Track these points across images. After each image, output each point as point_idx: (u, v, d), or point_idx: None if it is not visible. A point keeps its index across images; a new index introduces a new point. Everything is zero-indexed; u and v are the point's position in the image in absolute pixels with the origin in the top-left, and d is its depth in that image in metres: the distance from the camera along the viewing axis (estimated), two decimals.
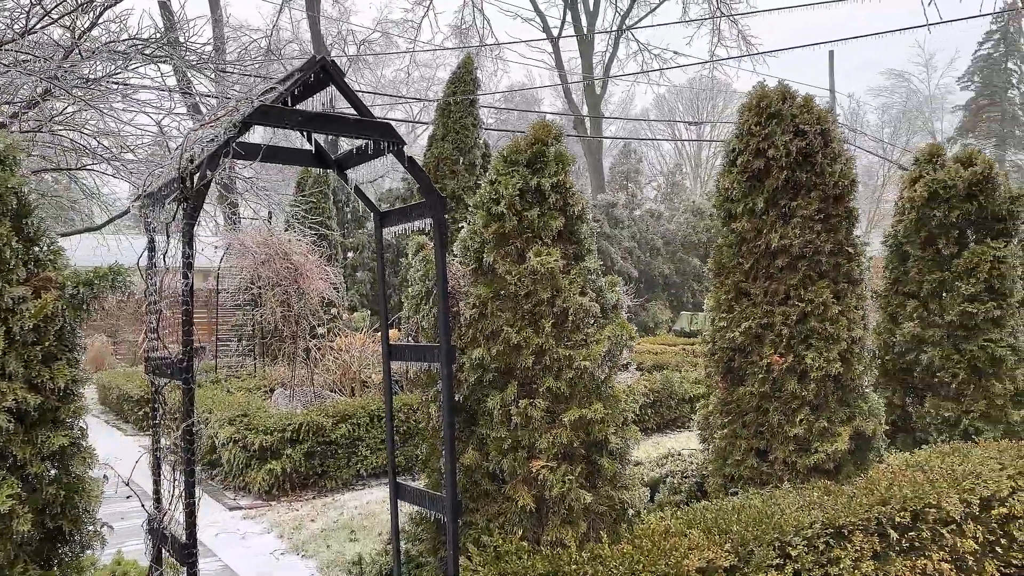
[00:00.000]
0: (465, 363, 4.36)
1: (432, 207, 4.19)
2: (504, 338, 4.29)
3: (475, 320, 4.36)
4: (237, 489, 9.14)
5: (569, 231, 4.56)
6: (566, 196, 4.55)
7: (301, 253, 12.01)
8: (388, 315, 4.90)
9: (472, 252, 4.53)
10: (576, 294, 4.40)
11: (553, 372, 4.33)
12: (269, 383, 12.15)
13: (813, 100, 5.63)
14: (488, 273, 4.47)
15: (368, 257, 20.34)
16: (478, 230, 4.49)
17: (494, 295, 4.37)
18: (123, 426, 13.46)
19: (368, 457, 9.25)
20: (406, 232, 4.56)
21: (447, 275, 4.23)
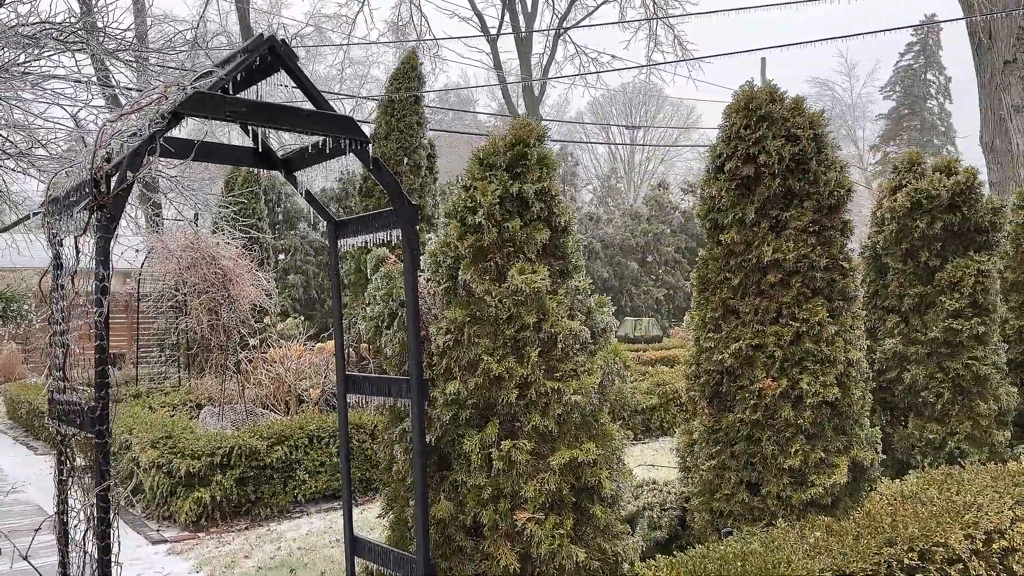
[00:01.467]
0: (438, 398, 3.72)
1: (402, 217, 3.55)
2: (483, 369, 3.68)
3: (449, 348, 3.73)
4: (161, 519, 8.26)
5: (554, 245, 3.98)
6: (551, 205, 3.96)
7: (230, 258, 11.13)
8: (343, 336, 4.23)
9: (444, 268, 3.90)
10: (564, 317, 3.81)
11: (539, 408, 3.74)
12: (196, 398, 11.22)
13: (804, 102, 5.17)
14: (463, 293, 3.85)
15: (300, 260, 19.40)
16: (451, 243, 3.86)
17: (471, 319, 3.76)
18: (34, 443, 12.31)
19: (307, 481, 8.48)
20: (367, 244, 3.91)
21: (415, 297, 3.60)
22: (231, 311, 10.54)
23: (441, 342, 3.74)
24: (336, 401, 10.99)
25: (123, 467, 8.94)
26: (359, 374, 3.99)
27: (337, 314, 4.10)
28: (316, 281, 19.54)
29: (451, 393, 3.68)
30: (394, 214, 3.59)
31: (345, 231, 4.01)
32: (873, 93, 49.35)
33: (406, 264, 3.56)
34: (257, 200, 14.63)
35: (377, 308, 4.05)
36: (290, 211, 20.07)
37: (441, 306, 3.89)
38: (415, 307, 3.55)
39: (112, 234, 2.84)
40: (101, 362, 2.93)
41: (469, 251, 3.81)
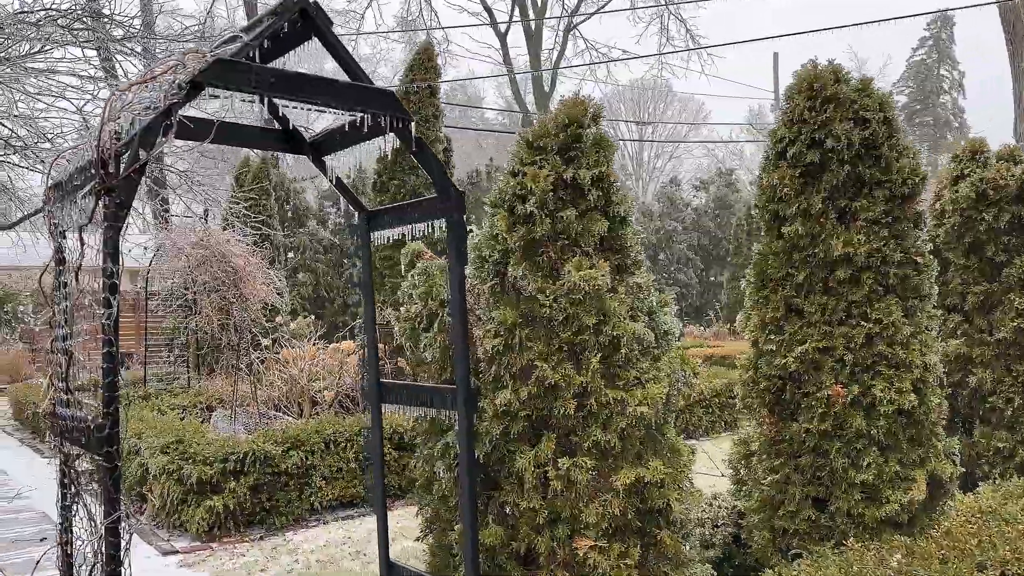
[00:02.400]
0: (486, 410, 3.30)
1: (448, 204, 3.12)
2: (537, 377, 3.25)
3: (498, 353, 3.31)
4: (172, 527, 7.84)
5: (613, 237, 3.55)
6: (609, 192, 3.53)
7: (241, 255, 10.72)
8: (376, 336, 3.79)
9: (491, 264, 3.48)
10: (626, 318, 3.39)
11: (600, 421, 3.31)
12: (206, 400, 10.82)
13: (872, 82, 4.74)
14: (513, 291, 3.43)
15: (310, 258, 19.01)
16: (499, 235, 3.43)
17: (522, 320, 3.33)
18: (40, 446, 11.93)
19: (323, 488, 8.06)
20: (404, 237, 3.49)
21: (463, 295, 3.17)
22: (242, 310, 10.14)
23: (489, 347, 3.31)
24: (351, 404, 10.60)
25: (132, 473, 8.54)
26: (395, 382, 3.56)
27: (370, 315, 3.67)
28: (325, 280, 19.14)
29: (501, 404, 3.26)
30: (438, 201, 3.16)
31: (379, 222, 3.58)
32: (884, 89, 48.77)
33: (451, 257, 3.13)
34: (267, 196, 14.21)
35: (414, 308, 3.63)
36: (299, 208, 19.67)
37: (487, 306, 3.46)
38: (462, 306, 3.12)
39: (122, 222, 2.42)
40: (111, 371, 2.51)
41: (519, 244, 3.38)
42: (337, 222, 20.16)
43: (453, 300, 3.11)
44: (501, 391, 3.28)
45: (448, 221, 3.13)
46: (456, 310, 3.09)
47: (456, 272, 3.12)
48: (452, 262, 3.13)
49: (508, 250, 3.43)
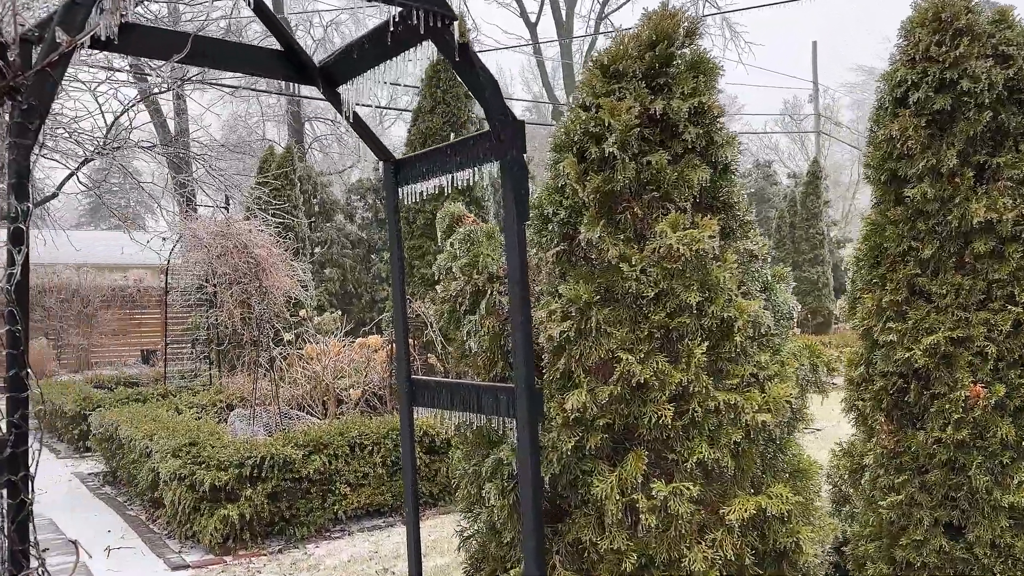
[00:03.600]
0: (553, 418, 2.43)
1: (502, 141, 2.26)
2: (621, 373, 2.37)
3: (568, 342, 2.43)
4: (184, 538, 7.06)
5: (715, 189, 2.67)
6: (711, 131, 2.65)
7: (263, 246, 9.95)
8: (406, 324, 2.92)
9: (555, 225, 2.60)
10: (738, 295, 2.51)
11: (706, 433, 2.43)
12: (227, 398, 10.05)
13: (1012, 12, 3.81)
14: (585, 260, 2.56)
15: (336, 253, 18.29)
16: (566, 186, 2.57)
17: (600, 297, 2.46)
18: (57, 446, 11.28)
19: (348, 496, 7.23)
20: (440, 191, 2.62)
21: (523, 262, 2.29)
22: (263, 303, 9.36)
23: (555, 332, 2.44)
24: (378, 403, 9.78)
25: (143, 478, 7.79)
26: (432, 379, 2.68)
27: (399, 295, 2.80)
28: (353, 275, 18.39)
29: (573, 409, 2.38)
30: (488, 137, 2.30)
31: (410, 173, 2.72)
32: None
33: (508, 211, 2.26)
34: (292, 186, 13.44)
35: (455, 285, 2.77)
36: (326, 202, 18.94)
37: (550, 280, 2.60)
38: (523, 276, 2.24)
39: (32, 139, 1.59)
40: (16, 361, 1.67)
41: (594, 197, 2.50)
42: (364, 216, 19.39)
43: (512, 269, 2.23)
44: (572, 392, 2.41)
45: (503, 163, 2.26)
46: (517, 281, 2.22)
47: (515, 232, 2.24)
48: (510, 218, 2.26)
49: (579, 206, 2.55)
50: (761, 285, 2.65)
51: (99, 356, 18.53)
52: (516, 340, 2.27)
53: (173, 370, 12.70)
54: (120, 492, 8.55)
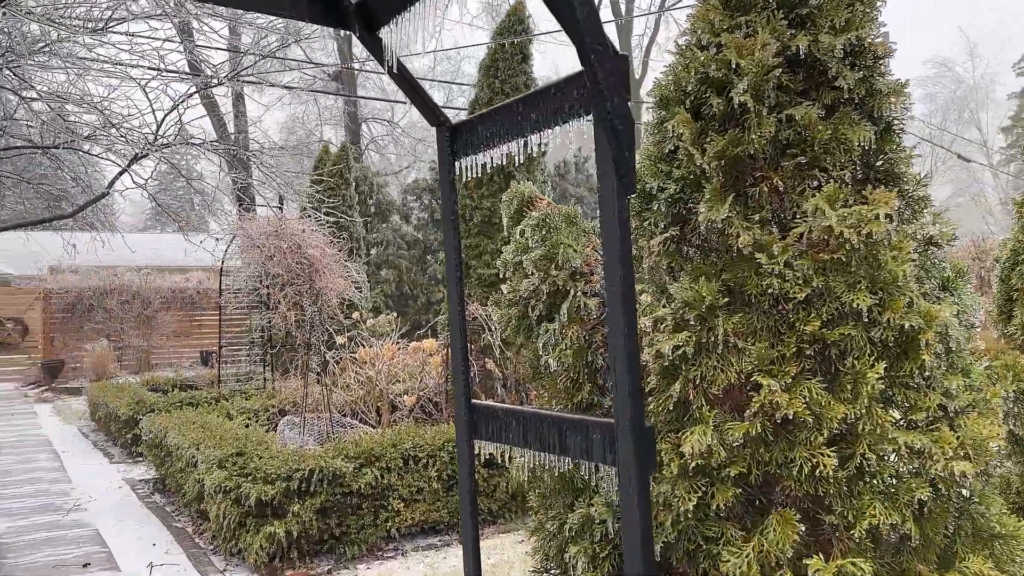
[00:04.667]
0: (668, 464, 1.76)
1: (597, 81, 1.59)
2: (761, 405, 1.69)
3: (683, 360, 1.75)
4: (229, 554, 6.56)
5: (877, 153, 1.97)
6: (871, 77, 1.96)
7: (316, 246, 9.47)
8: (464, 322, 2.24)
9: (661, 203, 1.93)
10: (919, 296, 1.80)
11: (880, 488, 1.74)
12: (279, 403, 9.61)
13: None
14: (704, 248, 1.89)
15: (392, 254, 17.85)
16: (677, 151, 1.89)
17: (728, 300, 1.78)
18: (112, 450, 10.99)
19: (401, 512, 6.63)
20: (508, 159, 1.97)
21: (627, 251, 1.60)
22: (316, 305, 8.87)
23: (666, 348, 1.75)
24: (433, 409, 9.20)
25: (190, 489, 7.34)
26: (497, 405, 2.02)
27: (456, 295, 2.13)
28: (409, 276, 17.93)
29: (694, 453, 1.70)
30: (577, 81, 1.63)
31: (469, 139, 2.06)
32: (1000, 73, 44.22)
33: (605, 181, 1.57)
34: (347, 186, 12.98)
35: (525, 285, 2.11)
36: (382, 203, 18.52)
37: (655, 277, 1.92)
38: (626, 270, 1.57)
39: None
40: None
41: (717, 165, 1.82)
42: (420, 217, 18.92)
43: (609, 260, 1.55)
44: (691, 430, 1.73)
45: (600, 114, 1.58)
46: (616, 278, 1.54)
47: (614, 209, 1.56)
48: (607, 191, 1.58)
49: (695, 177, 1.87)
50: (939, 283, 1.93)
51: (159, 357, 18.44)
52: (616, 359, 1.59)
53: (228, 373, 12.36)
54: (169, 501, 8.13)
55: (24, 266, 18.05)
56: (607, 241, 1.64)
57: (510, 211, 2.31)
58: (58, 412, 14.15)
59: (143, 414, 9.60)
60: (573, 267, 2.02)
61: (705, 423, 1.70)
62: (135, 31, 8.82)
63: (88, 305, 17.83)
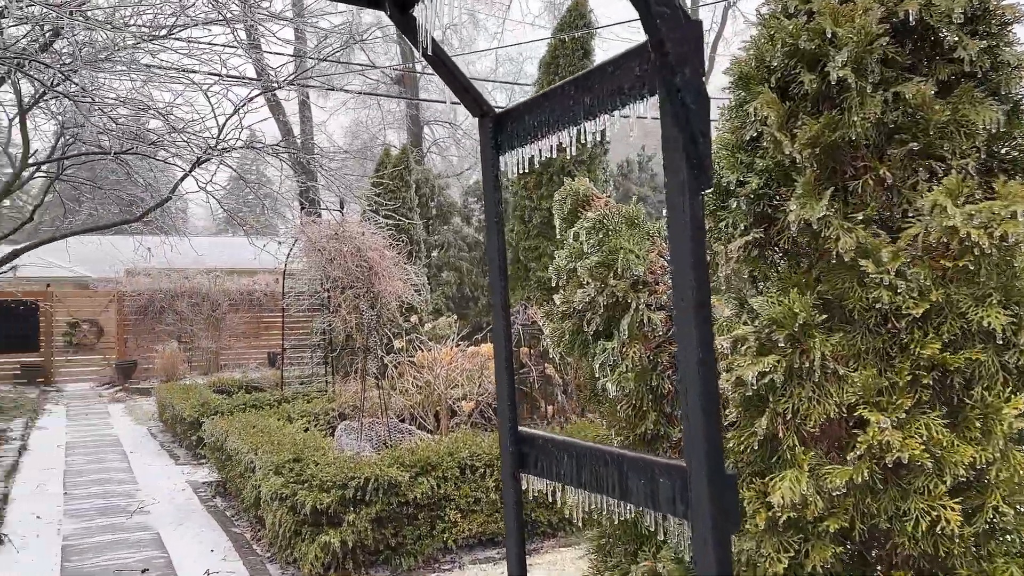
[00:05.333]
0: (752, 516, 1.46)
1: (665, 53, 1.31)
2: (868, 445, 1.37)
3: (770, 390, 1.46)
4: (285, 563, 6.44)
5: (1004, 140, 1.63)
6: (995, 49, 1.61)
7: (376, 248, 9.35)
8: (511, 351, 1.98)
9: (741, 200, 1.62)
10: None
11: (1016, 548, 1.41)
12: (338, 407, 9.52)
13: None
14: (794, 254, 1.58)
15: (453, 256, 17.74)
16: (763, 137, 1.59)
17: (825, 318, 1.47)
18: (177, 451, 11.09)
19: (458, 523, 6.40)
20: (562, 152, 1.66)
21: (701, 257, 1.32)
22: (374, 308, 8.73)
23: (749, 374, 1.45)
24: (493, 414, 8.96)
25: (248, 495, 7.27)
26: (547, 435, 1.73)
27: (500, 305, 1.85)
28: (470, 278, 17.81)
29: (784, 503, 1.40)
30: (639, 55, 1.35)
31: (515, 132, 1.78)
32: None
33: (673, 173, 1.28)
34: (407, 188, 12.89)
35: (581, 295, 1.82)
36: (443, 205, 18.43)
37: (733, 287, 1.62)
38: (700, 279, 1.27)
39: None
40: None
41: (810, 154, 1.50)
42: (481, 218, 18.80)
43: (679, 267, 1.25)
44: (781, 475, 1.42)
45: (668, 91, 1.28)
46: (689, 289, 1.24)
47: (685, 206, 1.26)
48: (675, 184, 1.28)
49: (782, 169, 1.56)
50: None
51: (227, 358, 18.72)
52: (688, 389, 1.29)
53: (292, 375, 12.40)
54: (229, 505, 8.09)
55: (101, 269, 18.55)
56: (676, 245, 1.33)
57: (563, 211, 2.03)
58: (129, 412, 14.43)
59: (207, 416, 9.63)
60: (635, 276, 1.73)
61: (798, 467, 1.39)
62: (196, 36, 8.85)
63: (160, 307, 18.21)
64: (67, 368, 18.16)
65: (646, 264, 1.76)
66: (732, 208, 1.63)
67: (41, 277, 17.10)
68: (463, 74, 1.92)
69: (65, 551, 6.48)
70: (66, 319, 18.30)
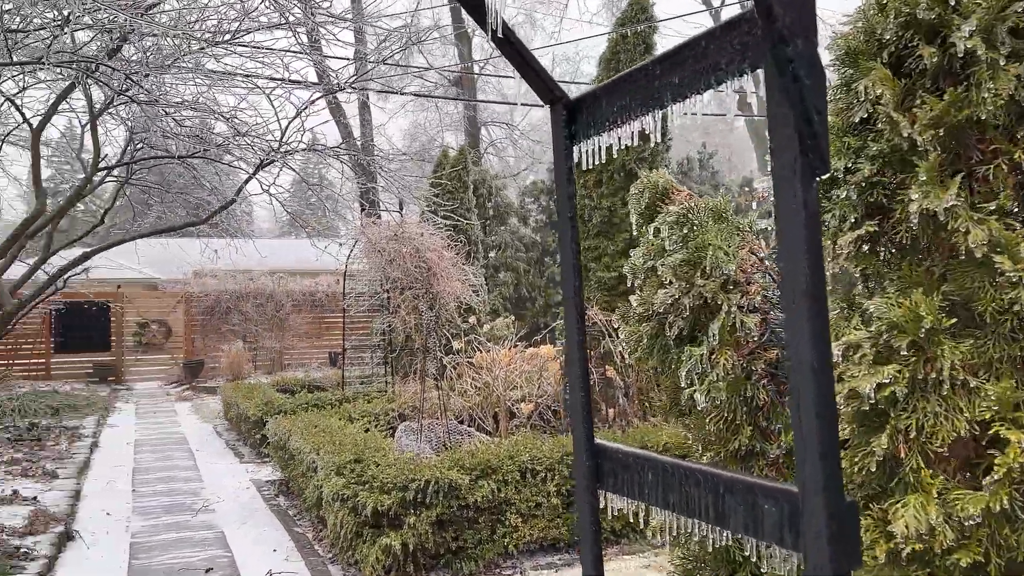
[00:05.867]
0: (871, 547, 1.29)
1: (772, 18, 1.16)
2: (1006, 468, 1.21)
3: (890, 405, 1.29)
4: (347, 564, 6.41)
5: None
6: None
7: (434, 249, 9.31)
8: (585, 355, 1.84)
9: (851, 189, 1.45)
10: None
11: None
12: (399, 407, 9.50)
13: None
14: (912, 249, 1.40)
15: (511, 256, 17.65)
16: (875, 118, 1.41)
17: (956, 322, 1.29)
18: (242, 449, 11.25)
19: (520, 528, 6.28)
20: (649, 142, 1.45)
21: (817, 253, 1.18)
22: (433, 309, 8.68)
23: (865, 386, 1.28)
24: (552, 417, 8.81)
25: (310, 495, 7.28)
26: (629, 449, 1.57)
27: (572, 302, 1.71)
28: (527, 279, 17.70)
29: (909, 534, 1.21)
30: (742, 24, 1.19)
31: (591, 119, 1.63)
32: None
33: (781, 154, 1.13)
34: (465, 189, 12.84)
35: (662, 295, 1.67)
36: (501, 205, 18.36)
37: (844, 288, 1.44)
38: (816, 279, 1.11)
39: None
40: None
41: (932, 136, 1.32)
42: (538, 219, 18.66)
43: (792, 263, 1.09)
44: (903, 500, 1.24)
45: (776, 61, 1.13)
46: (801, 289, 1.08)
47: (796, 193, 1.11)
48: (783, 169, 1.12)
49: (899, 153, 1.38)
50: None
51: (291, 358, 18.98)
52: (801, 401, 1.12)
53: (353, 375, 12.49)
54: (292, 504, 8.13)
55: (169, 270, 19.01)
56: (786, 239, 1.15)
57: (640, 206, 1.87)
58: (196, 410, 14.72)
59: (270, 415, 9.72)
60: (725, 274, 1.56)
61: (924, 492, 1.21)
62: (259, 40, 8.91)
63: (226, 308, 18.56)
64: (136, 367, 18.65)
65: (736, 261, 1.59)
66: (840, 199, 1.45)
67: (112, 279, 17.59)
68: (534, 57, 1.77)
69: (133, 548, 6.57)
70: (136, 319, 18.80)
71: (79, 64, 6.50)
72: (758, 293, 1.56)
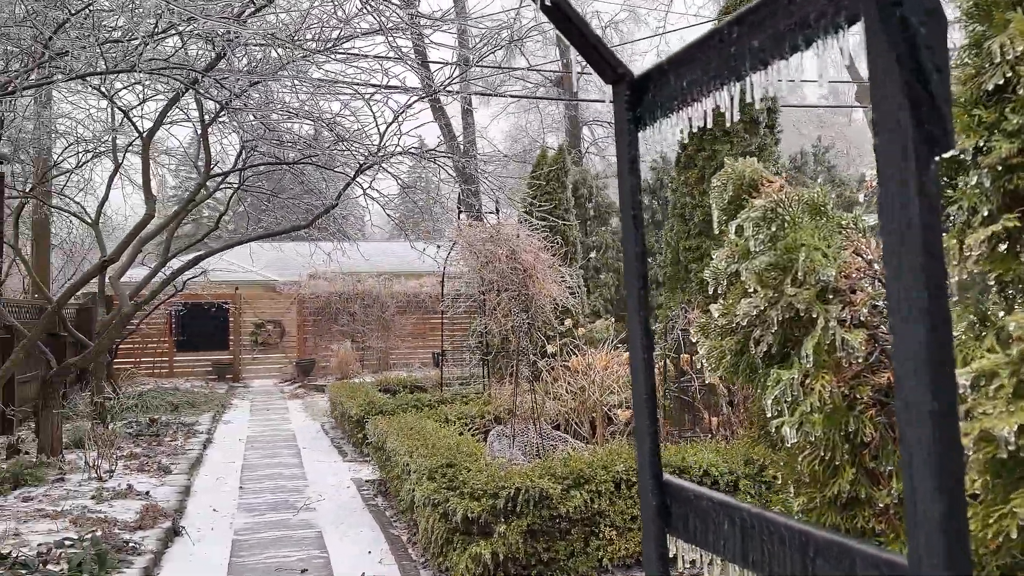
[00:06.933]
0: None
1: None
2: None
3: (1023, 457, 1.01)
4: (439, 571, 6.29)
5: None
6: None
7: (531, 251, 9.12)
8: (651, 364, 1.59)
9: (983, 174, 1.17)
10: None
11: None
12: (494, 410, 9.38)
13: None
14: None
15: (612, 257, 17.27)
16: (1012, 86, 1.14)
17: None
18: (346, 447, 11.43)
19: (615, 541, 5.99)
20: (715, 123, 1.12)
21: (937, 253, 0.92)
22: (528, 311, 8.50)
23: (1004, 428, 1.00)
24: None
25: (404, 498, 7.24)
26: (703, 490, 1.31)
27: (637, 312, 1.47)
28: None
29: None
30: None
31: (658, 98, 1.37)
32: None
33: (887, 126, 0.87)
34: (563, 189, 12.59)
35: (746, 305, 1.39)
36: (601, 206, 18.02)
37: (970, 294, 1.14)
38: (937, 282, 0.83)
39: None
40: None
41: None
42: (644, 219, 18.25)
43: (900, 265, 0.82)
44: None
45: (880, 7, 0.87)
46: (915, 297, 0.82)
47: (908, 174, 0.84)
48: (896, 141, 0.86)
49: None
50: None
51: (396, 358, 19.28)
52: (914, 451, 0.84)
53: (452, 376, 12.50)
54: (389, 505, 8.13)
55: (286, 272, 19.70)
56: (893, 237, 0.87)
57: (723, 199, 1.58)
58: (306, 408, 15.12)
59: (371, 415, 9.80)
60: (823, 281, 1.27)
61: None
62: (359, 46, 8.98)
63: (335, 309, 19.05)
64: (253, 365, 19.41)
65: (837, 265, 1.30)
66: (968, 187, 1.13)
67: (231, 280, 18.36)
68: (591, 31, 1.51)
69: (235, 546, 6.69)
70: (252, 320, 19.56)
71: (185, 72, 6.68)
72: (864, 304, 1.26)
